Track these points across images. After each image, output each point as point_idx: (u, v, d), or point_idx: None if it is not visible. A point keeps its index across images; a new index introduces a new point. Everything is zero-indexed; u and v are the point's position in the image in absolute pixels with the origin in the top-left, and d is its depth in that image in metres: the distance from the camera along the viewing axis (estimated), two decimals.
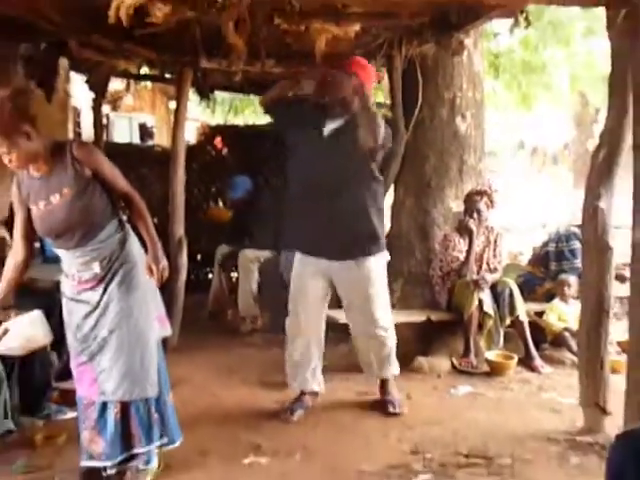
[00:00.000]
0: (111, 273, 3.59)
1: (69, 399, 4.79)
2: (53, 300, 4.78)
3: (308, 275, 4.72)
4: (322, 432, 4.53)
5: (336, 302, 5.06)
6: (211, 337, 6.75)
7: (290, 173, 4.81)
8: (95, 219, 3.55)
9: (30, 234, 3.69)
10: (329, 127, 4.64)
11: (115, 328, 3.57)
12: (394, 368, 5.01)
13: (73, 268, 3.61)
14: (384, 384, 5.00)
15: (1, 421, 3.76)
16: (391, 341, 4.95)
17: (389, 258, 4.94)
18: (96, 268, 3.57)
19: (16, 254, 3.73)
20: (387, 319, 4.91)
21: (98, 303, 3.58)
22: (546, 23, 10.15)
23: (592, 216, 4.29)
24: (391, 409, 4.85)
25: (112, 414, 3.60)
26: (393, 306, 5.94)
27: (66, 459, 3.99)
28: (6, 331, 3.67)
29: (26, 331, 3.73)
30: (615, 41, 4.27)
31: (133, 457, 3.68)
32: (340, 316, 5.30)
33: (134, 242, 3.68)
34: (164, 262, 3.60)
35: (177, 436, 3.80)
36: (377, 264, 4.76)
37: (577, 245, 6.63)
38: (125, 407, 3.61)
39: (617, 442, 2.35)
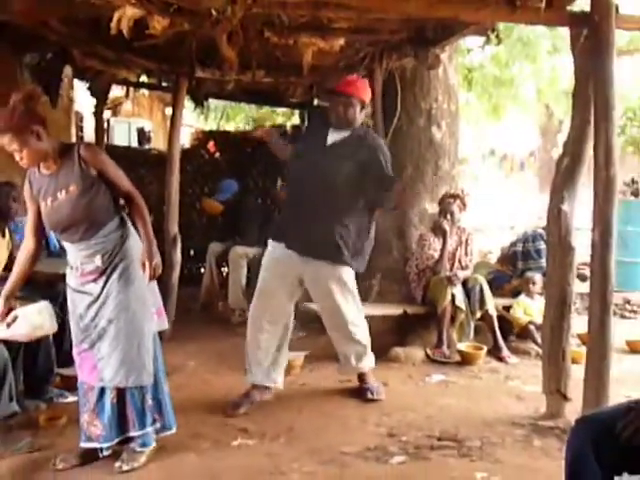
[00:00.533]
0: (112, 267, 3.58)
1: (70, 384, 4.79)
2: (56, 291, 4.80)
3: (278, 272, 4.60)
4: (306, 417, 4.53)
5: None
6: (203, 328, 6.75)
7: (290, 173, 4.81)
8: (98, 215, 3.55)
9: (40, 229, 3.69)
10: (332, 138, 4.60)
11: (114, 319, 3.57)
12: (369, 362, 4.95)
13: (77, 260, 3.61)
14: (362, 374, 4.97)
15: (7, 404, 3.73)
16: (364, 338, 4.87)
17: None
18: (98, 261, 3.57)
19: (26, 247, 3.73)
20: (358, 318, 4.83)
21: (99, 295, 3.57)
22: (515, 40, 10.21)
23: (556, 218, 4.32)
24: (369, 396, 4.84)
25: (109, 399, 3.60)
26: (365, 300, 5.99)
27: (67, 439, 3.97)
28: (15, 318, 3.65)
29: (34, 319, 3.71)
30: (578, 58, 4.30)
31: (129, 440, 3.67)
32: None
33: (134, 239, 3.66)
34: (157, 259, 3.57)
35: (172, 423, 3.80)
36: (345, 272, 4.66)
37: (543, 245, 6.66)
38: (121, 393, 3.61)
39: (576, 426, 2.36)
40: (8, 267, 4.90)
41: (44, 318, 3.72)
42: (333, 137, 4.59)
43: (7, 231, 4.97)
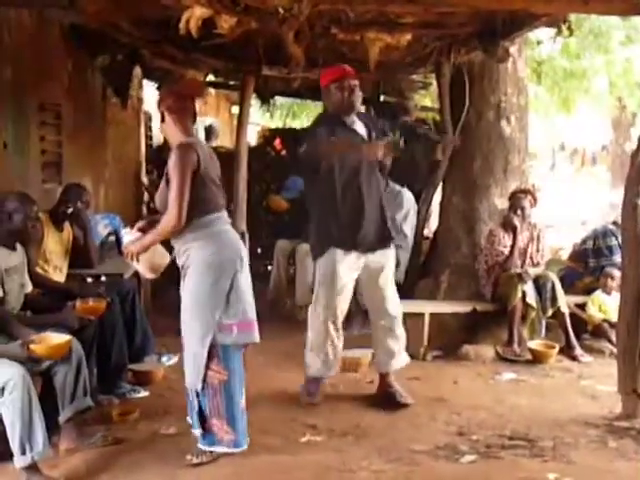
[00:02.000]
0: (184, 268, 3.73)
1: (141, 379, 4.90)
2: (127, 288, 4.92)
3: (344, 272, 4.61)
4: (374, 414, 4.53)
5: None
6: (270, 324, 6.72)
7: (329, 180, 4.60)
8: None
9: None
10: (360, 130, 4.64)
11: (182, 320, 3.74)
12: (405, 358, 4.91)
13: None
14: (387, 376, 4.83)
15: (81, 398, 3.82)
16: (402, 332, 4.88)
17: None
18: (175, 257, 3.78)
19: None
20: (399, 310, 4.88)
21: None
22: (586, 32, 10.00)
23: (631, 213, 4.22)
24: (401, 400, 4.70)
25: None
26: (434, 297, 5.95)
27: (139, 434, 4.08)
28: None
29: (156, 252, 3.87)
30: None
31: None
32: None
33: (208, 248, 3.68)
34: (132, 250, 3.70)
35: (242, 441, 3.80)
36: (393, 254, 4.82)
37: (614, 242, 6.53)
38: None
39: None
40: (72, 264, 5.07)
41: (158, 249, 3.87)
42: (360, 126, 4.65)
43: (65, 226, 5.11)
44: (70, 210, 5.08)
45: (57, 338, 3.74)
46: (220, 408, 3.69)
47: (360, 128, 4.66)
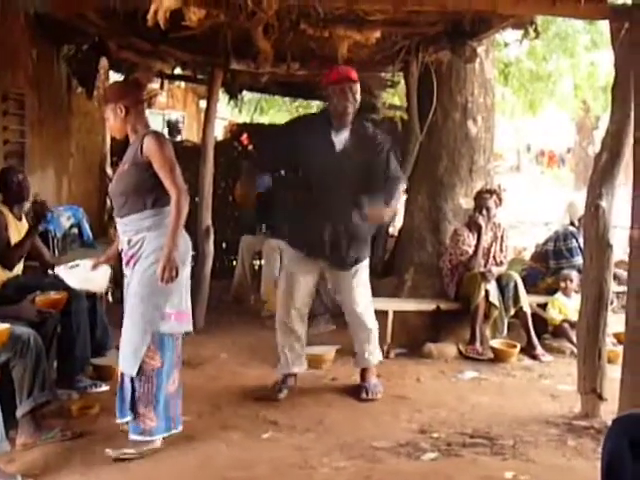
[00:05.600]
0: (137, 255, 3.70)
1: (102, 374, 4.84)
2: None
3: (302, 272, 4.65)
4: (336, 411, 4.53)
5: None
6: (234, 320, 6.77)
7: (303, 180, 4.61)
8: (134, 198, 3.68)
9: None
10: (339, 139, 4.57)
11: (129, 306, 3.71)
12: (378, 356, 4.96)
13: (120, 238, 3.80)
14: (365, 371, 4.90)
15: (39, 392, 3.77)
16: (376, 331, 4.92)
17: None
18: (125, 244, 3.74)
19: None
20: (371, 312, 4.90)
21: (129, 279, 3.76)
22: (553, 35, 10.11)
23: (594, 215, 4.26)
24: (364, 395, 4.75)
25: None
26: (398, 295, 5.96)
27: (99, 428, 4.03)
28: (76, 265, 3.89)
29: (89, 273, 3.88)
30: (618, 52, 4.24)
31: None
32: None
33: (161, 238, 3.64)
34: (173, 264, 3.57)
35: (167, 426, 3.79)
36: (365, 267, 4.82)
37: (574, 244, 6.61)
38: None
39: (613, 426, 2.34)
40: (35, 256, 4.95)
41: (98, 275, 3.92)
42: (341, 139, 4.56)
43: (24, 216, 4.96)
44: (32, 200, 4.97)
45: None
46: (149, 395, 3.68)
47: (340, 139, 4.56)
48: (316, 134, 4.55)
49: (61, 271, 3.94)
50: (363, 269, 4.79)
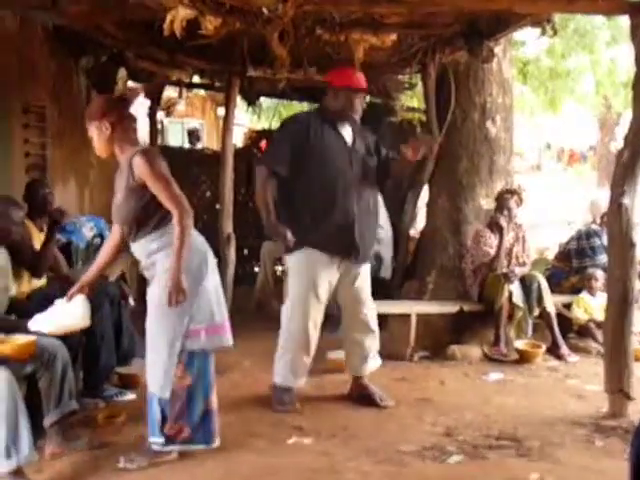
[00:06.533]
0: (151, 277, 3.70)
1: (128, 382, 4.88)
2: (113, 291, 4.87)
3: (324, 277, 4.54)
4: (361, 415, 4.53)
5: None
6: (257, 326, 6.76)
7: (319, 179, 4.54)
8: (136, 223, 3.63)
9: None
10: (347, 133, 4.63)
11: (148, 328, 3.70)
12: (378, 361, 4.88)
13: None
14: (362, 379, 4.82)
15: (67, 402, 3.80)
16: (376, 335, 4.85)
17: None
18: (141, 266, 3.73)
19: (111, 237, 3.91)
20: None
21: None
22: (571, 32, 10.04)
23: (617, 213, 4.24)
24: (382, 402, 4.71)
25: None
26: (420, 297, 6.08)
27: (125, 437, 4.05)
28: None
29: (67, 306, 3.78)
30: (638, 47, 4.21)
31: None
32: (377, 306, 5.28)
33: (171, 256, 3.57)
34: (179, 287, 3.49)
35: (208, 439, 3.79)
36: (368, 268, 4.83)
37: (597, 242, 6.59)
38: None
39: None
40: (51, 267, 4.94)
41: (76, 309, 3.77)
42: (348, 133, 4.63)
43: (45, 227, 4.97)
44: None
45: (21, 339, 3.67)
46: (180, 413, 3.66)
47: (347, 134, 4.64)
48: (325, 131, 4.57)
49: (34, 325, 3.75)
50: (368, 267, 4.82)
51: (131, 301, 5.50)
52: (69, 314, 3.76)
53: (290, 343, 4.62)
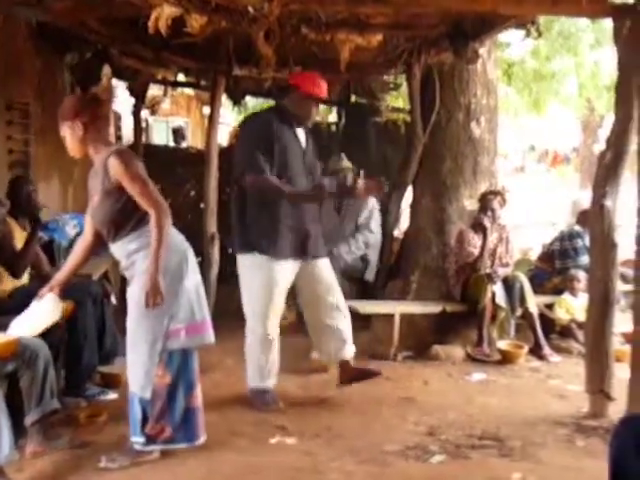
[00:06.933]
0: (130, 277, 3.68)
1: (111, 381, 4.85)
2: (96, 289, 4.84)
3: (282, 280, 4.59)
4: (344, 415, 4.53)
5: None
6: (241, 326, 6.74)
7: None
8: (115, 225, 3.61)
9: None
10: (301, 135, 4.70)
11: (128, 327, 3.68)
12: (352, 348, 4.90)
13: None
14: (347, 363, 4.84)
15: (48, 401, 3.77)
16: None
17: None
18: (121, 267, 3.71)
19: (83, 238, 3.87)
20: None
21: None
22: (556, 34, 10.10)
23: (599, 214, 4.26)
24: (372, 371, 4.86)
25: None
26: (404, 297, 6.15)
27: (107, 436, 4.03)
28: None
29: (39, 306, 3.77)
30: (622, 50, 4.24)
31: None
32: (361, 307, 5.29)
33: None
34: (156, 289, 3.47)
35: (191, 437, 3.78)
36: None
37: (580, 243, 6.63)
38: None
39: (620, 426, 2.33)
40: (33, 265, 4.90)
41: (47, 303, 3.77)
42: (302, 135, 4.72)
43: (27, 226, 4.93)
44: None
45: (3, 337, 3.66)
46: (161, 412, 3.64)
47: (302, 136, 4.72)
48: (285, 132, 4.60)
49: (12, 330, 3.75)
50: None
51: (113, 300, 5.47)
52: (39, 313, 3.77)
53: (254, 346, 4.69)
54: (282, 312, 4.77)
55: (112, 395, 4.72)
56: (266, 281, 4.56)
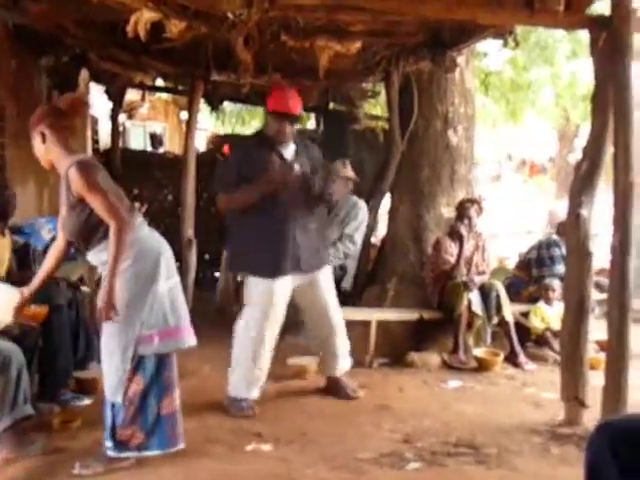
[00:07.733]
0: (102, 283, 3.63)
1: (86, 387, 4.81)
2: (61, 296, 4.78)
3: (279, 296, 4.62)
4: (319, 422, 4.52)
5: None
6: (217, 331, 6.69)
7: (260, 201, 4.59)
8: (85, 237, 3.60)
9: None
10: (288, 152, 4.71)
11: (102, 338, 3.63)
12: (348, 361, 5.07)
13: None
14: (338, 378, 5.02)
15: (21, 406, 3.74)
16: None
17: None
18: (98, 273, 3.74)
19: (56, 244, 3.83)
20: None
21: None
22: (533, 44, 10.18)
23: (575, 223, 4.29)
24: (352, 394, 4.95)
25: None
26: (380, 305, 6.16)
27: (81, 442, 3.99)
28: None
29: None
30: (597, 62, 4.28)
31: None
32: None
33: (131, 262, 3.55)
34: (110, 304, 3.44)
35: (163, 444, 3.73)
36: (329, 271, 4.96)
37: (557, 252, 6.67)
38: None
39: (595, 433, 2.34)
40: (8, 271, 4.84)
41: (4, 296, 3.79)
42: (290, 153, 4.72)
43: (7, 232, 4.87)
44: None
45: None
46: (133, 417, 3.61)
47: (288, 153, 4.71)
48: (264, 155, 4.61)
49: None
50: (329, 270, 4.96)
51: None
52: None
53: (243, 358, 4.68)
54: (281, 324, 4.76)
55: (86, 401, 4.67)
56: (262, 298, 4.62)
